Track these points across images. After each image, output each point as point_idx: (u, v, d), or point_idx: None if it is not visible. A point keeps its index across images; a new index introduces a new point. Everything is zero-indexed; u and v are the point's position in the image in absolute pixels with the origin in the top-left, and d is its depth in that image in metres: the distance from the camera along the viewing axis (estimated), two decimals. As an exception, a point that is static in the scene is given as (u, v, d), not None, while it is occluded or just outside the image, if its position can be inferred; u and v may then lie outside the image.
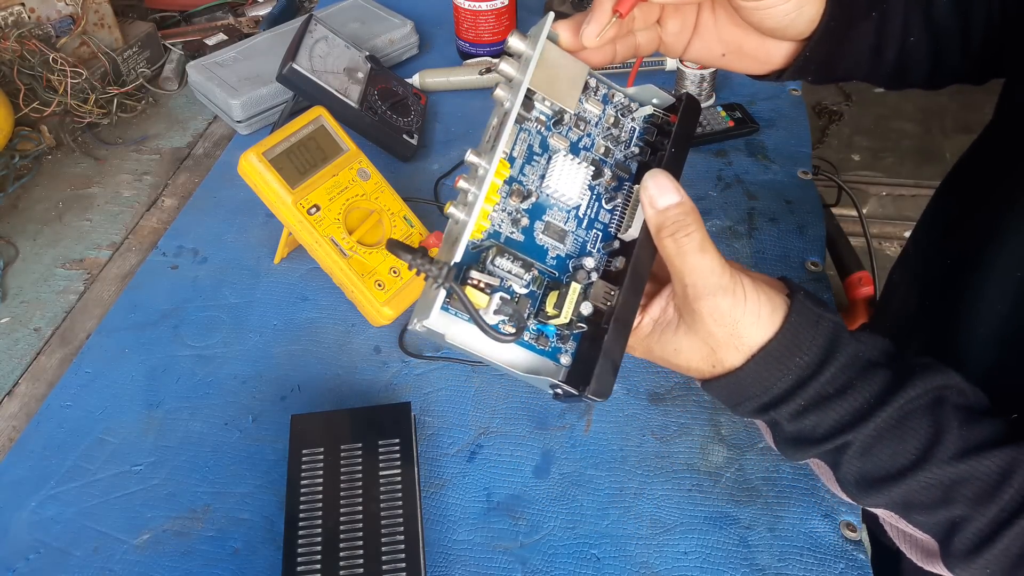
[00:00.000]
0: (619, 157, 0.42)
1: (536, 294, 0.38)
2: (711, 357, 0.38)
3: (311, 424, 0.57)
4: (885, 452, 0.37)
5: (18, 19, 0.89)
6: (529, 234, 0.39)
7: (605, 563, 0.52)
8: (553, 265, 0.39)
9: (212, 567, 0.54)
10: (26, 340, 0.70)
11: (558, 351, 0.39)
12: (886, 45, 0.49)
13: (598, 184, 0.41)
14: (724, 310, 0.37)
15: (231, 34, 1.04)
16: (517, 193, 0.39)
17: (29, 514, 0.57)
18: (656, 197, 0.37)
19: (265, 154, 0.64)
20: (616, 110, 0.42)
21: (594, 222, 0.41)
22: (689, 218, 0.37)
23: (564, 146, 0.41)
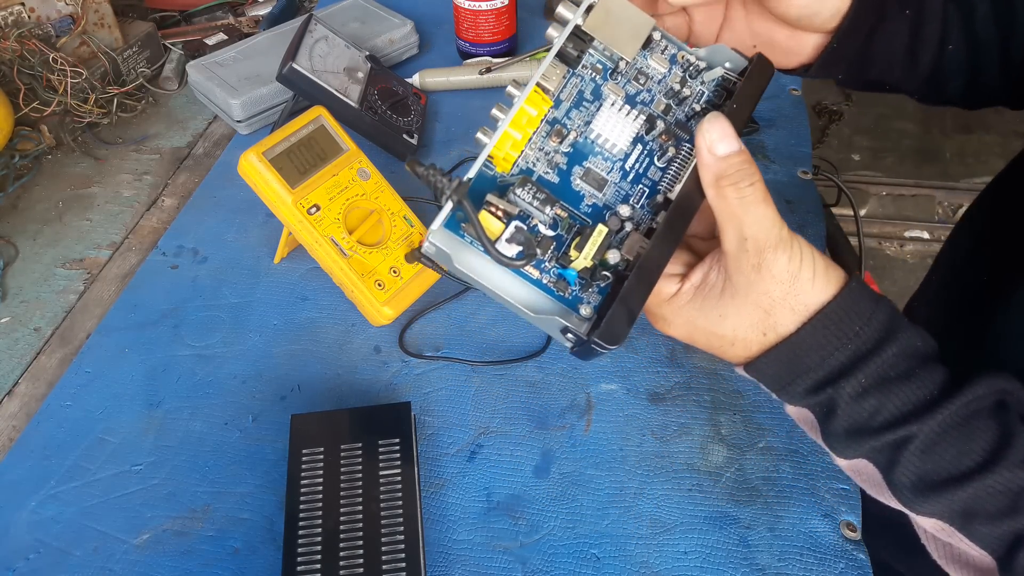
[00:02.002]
0: (680, 116, 0.39)
1: (564, 239, 0.36)
2: (763, 322, 0.35)
3: (311, 424, 0.57)
4: (950, 451, 0.34)
5: (18, 19, 0.89)
6: (565, 177, 0.37)
7: (605, 563, 0.52)
8: (587, 212, 0.37)
9: (212, 567, 0.54)
10: (26, 340, 0.70)
11: (579, 300, 0.35)
12: (922, 49, 0.46)
13: (651, 139, 0.38)
14: (782, 264, 0.34)
15: (231, 34, 1.04)
16: (557, 133, 0.37)
17: (29, 514, 0.57)
18: (716, 143, 0.34)
19: (265, 154, 0.64)
20: (684, 70, 0.40)
21: (642, 177, 0.38)
22: (752, 167, 0.34)
23: (619, 96, 0.38)
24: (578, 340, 0.34)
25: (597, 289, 0.35)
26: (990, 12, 0.47)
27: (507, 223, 0.34)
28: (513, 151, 0.36)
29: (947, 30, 0.46)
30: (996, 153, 2.08)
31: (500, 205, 0.35)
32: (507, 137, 0.36)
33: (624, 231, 0.36)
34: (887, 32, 0.45)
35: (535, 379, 0.63)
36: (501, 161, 0.36)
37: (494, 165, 0.36)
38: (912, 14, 0.45)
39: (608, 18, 0.38)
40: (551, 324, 0.35)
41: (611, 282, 0.35)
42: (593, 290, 0.35)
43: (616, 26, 0.38)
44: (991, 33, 0.47)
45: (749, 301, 0.35)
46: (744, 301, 0.35)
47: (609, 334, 0.33)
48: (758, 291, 0.35)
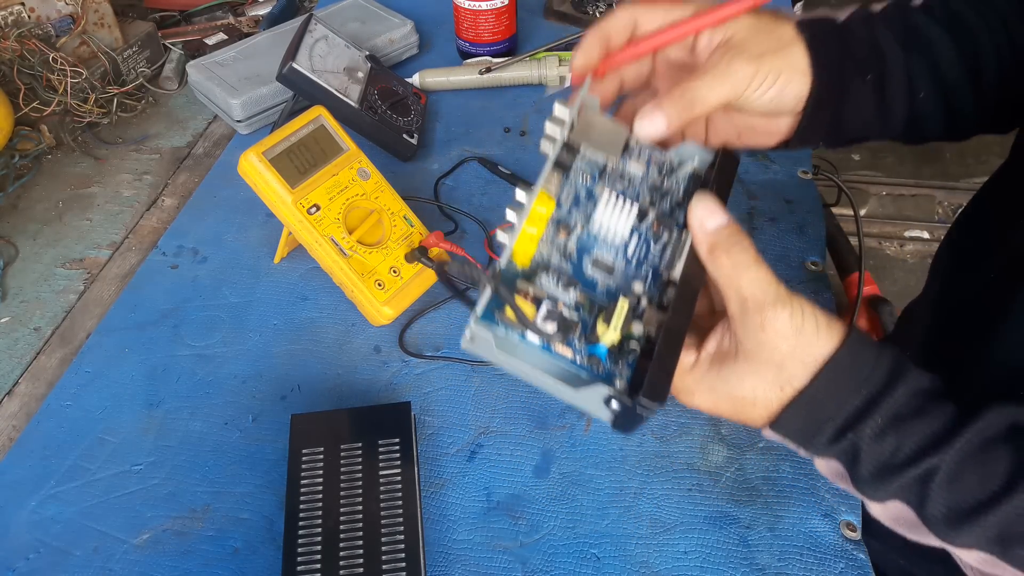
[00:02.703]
0: (665, 208, 0.43)
1: (587, 320, 0.39)
2: (778, 377, 0.37)
3: (311, 424, 0.57)
4: (974, 477, 0.35)
5: (18, 19, 0.89)
6: (578, 266, 0.41)
7: (605, 562, 0.52)
8: (603, 295, 0.40)
9: (212, 567, 0.54)
10: (26, 340, 0.70)
11: (612, 375, 0.37)
12: (893, 104, 0.48)
13: (645, 228, 0.42)
14: (785, 320, 0.36)
15: (231, 34, 1.04)
16: (564, 229, 0.41)
17: (29, 514, 0.57)
18: (705, 219, 0.38)
19: (265, 154, 0.64)
20: (660, 170, 0.44)
21: (643, 262, 0.41)
22: (740, 235, 0.37)
23: (610, 194, 0.43)
24: (622, 407, 0.36)
25: (626, 363, 0.38)
26: (954, 54, 0.48)
27: (538, 306, 0.38)
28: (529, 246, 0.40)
29: (914, 80, 0.48)
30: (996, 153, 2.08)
31: (530, 290, 0.39)
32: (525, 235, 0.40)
33: (641, 307, 0.39)
34: (853, 100, 0.47)
35: (535, 379, 0.63)
36: (520, 256, 0.40)
37: (514, 261, 0.40)
38: (874, 77, 0.47)
39: (589, 132, 0.43)
40: (593, 397, 0.37)
41: (638, 355, 0.38)
42: (622, 365, 0.37)
43: (598, 137, 0.43)
44: (959, 74, 0.48)
45: (762, 359, 0.37)
46: (757, 360, 0.37)
47: (653, 391, 0.35)
48: (768, 348, 0.36)
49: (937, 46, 0.48)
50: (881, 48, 0.47)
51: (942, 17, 0.49)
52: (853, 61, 0.46)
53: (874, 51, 0.47)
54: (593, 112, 0.44)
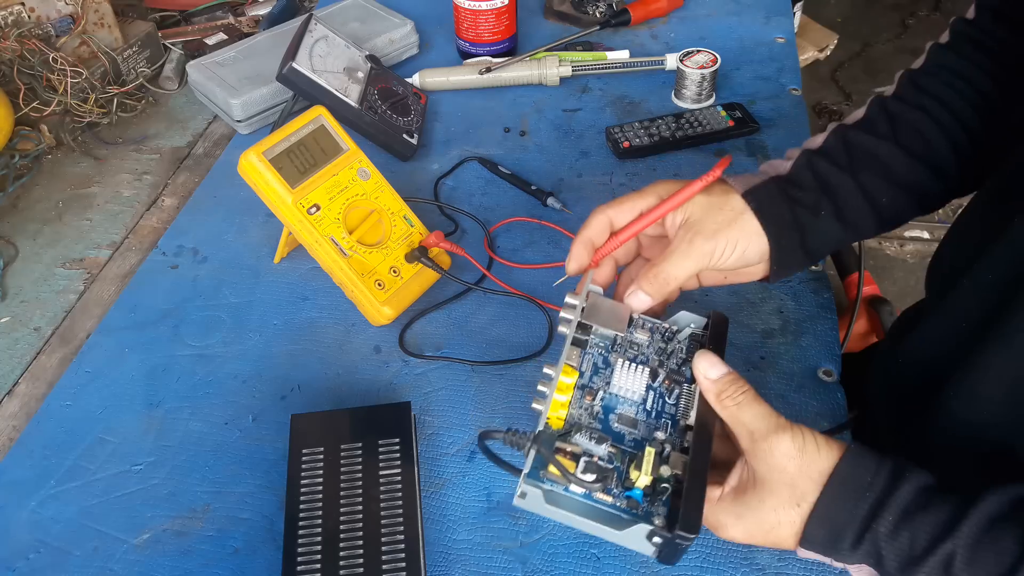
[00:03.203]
0: (672, 366, 0.49)
1: (620, 469, 0.44)
2: (793, 494, 0.41)
3: (311, 424, 0.57)
4: (990, 555, 0.38)
5: (18, 19, 0.89)
6: (606, 423, 0.46)
7: (605, 562, 0.52)
8: (631, 445, 0.45)
9: (212, 567, 0.54)
10: (26, 340, 0.70)
11: (651, 514, 0.42)
12: (858, 220, 0.53)
13: (658, 385, 0.48)
14: (787, 443, 0.41)
15: (231, 34, 1.04)
16: (589, 393, 0.47)
17: (29, 514, 0.57)
18: (707, 370, 0.44)
19: (265, 154, 0.64)
20: (662, 336, 0.50)
21: (661, 413, 0.47)
22: (739, 382, 0.44)
23: (623, 360, 0.49)
24: (664, 540, 0.41)
25: (661, 502, 0.42)
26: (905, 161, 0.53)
27: (577, 461, 0.43)
28: (561, 411, 0.46)
29: (872, 196, 0.53)
30: (996, 153, 2.07)
31: (567, 448, 0.44)
32: (557, 404, 0.46)
33: (666, 451, 0.44)
34: (817, 233, 0.52)
35: (535, 379, 0.63)
36: (554, 420, 0.45)
37: (550, 425, 0.45)
38: (830, 211, 0.52)
39: (597, 312, 0.50)
40: (637, 536, 0.42)
41: (670, 493, 0.42)
42: (658, 504, 0.42)
43: (605, 316, 0.50)
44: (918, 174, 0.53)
45: (775, 481, 0.42)
46: (773, 483, 0.42)
47: (687, 524, 0.40)
48: (778, 470, 0.41)
49: (885, 158, 0.53)
50: (830, 183, 0.52)
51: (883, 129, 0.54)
52: (805, 207, 0.52)
53: (824, 189, 0.52)
54: (598, 297, 0.51)
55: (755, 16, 1.03)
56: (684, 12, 1.04)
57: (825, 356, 0.63)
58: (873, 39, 2.62)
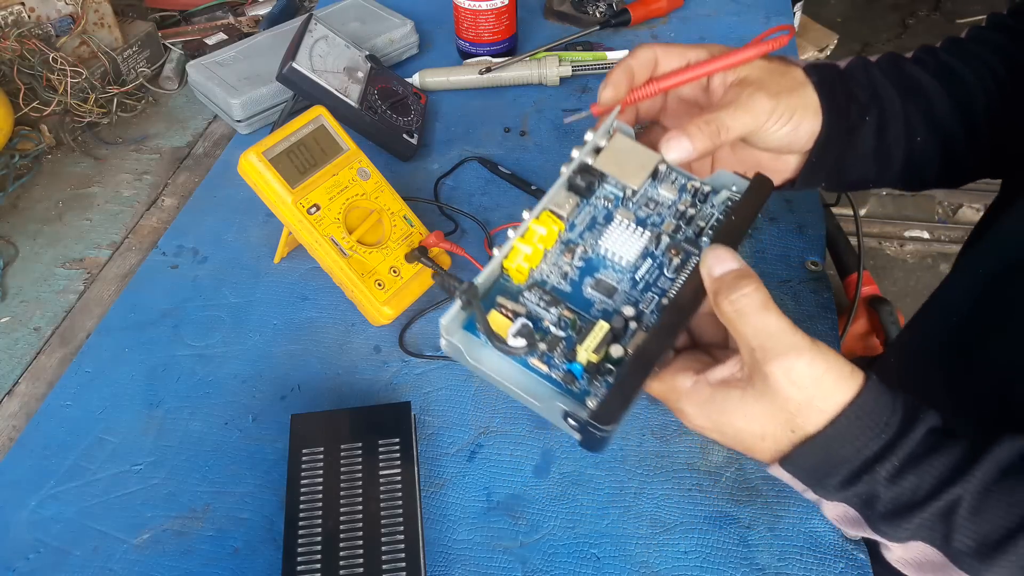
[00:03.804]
0: (690, 234, 0.42)
1: (574, 339, 0.39)
2: (791, 421, 0.37)
3: (311, 424, 0.57)
4: (1000, 506, 0.34)
5: (18, 18, 0.89)
6: (577, 287, 0.41)
7: (605, 562, 0.52)
8: (597, 316, 0.40)
9: (212, 567, 0.54)
10: (26, 340, 0.70)
11: (586, 393, 0.38)
12: (892, 147, 0.50)
13: (660, 253, 0.42)
14: (802, 370, 0.35)
15: (231, 33, 1.04)
16: (570, 251, 0.42)
17: (29, 514, 0.57)
18: (713, 266, 0.37)
19: (265, 153, 0.64)
20: (692, 196, 0.44)
21: (652, 286, 0.41)
22: (745, 280, 0.36)
23: (630, 219, 0.43)
24: (579, 424, 0.36)
25: (604, 384, 0.38)
26: (948, 103, 0.51)
27: (515, 320, 0.38)
28: (526, 264, 0.40)
29: (911, 126, 0.50)
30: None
31: (508, 305, 0.39)
32: (517, 251, 0.40)
33: (630, 330, 0.39)
34: (855, 140, 0.49)
35: (535, 379, 0.63)
36: (515, 273, 0.41)
37: (511, 277, 0.41)
38: (873, 119, 0.49)
39: (617, 156, 0.44)
40: (554, 411, 0.37)
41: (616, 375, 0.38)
42: (600, 384, 0.37)
43: (624, 162, 0.44)
44: (953, 121, 0.51)
45: (775, 405, 0.36)
46: (768, 403, 0.36)
47: (601, 415, 0.35)
48: (781, 397, 0.36)
49: (931, 94, 0.50)
50: (879, 94, 0.50)
51: (934, 68, 0.52)
52: (856, 104, 0.48)
53: (874, 96, 0.49)
54: (625, 139, 0.45)
55: (755, 16, 1.03)
56: (684, 12, 1.04)
57: (825, 356, 0.63)
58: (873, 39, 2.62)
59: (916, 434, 0.36)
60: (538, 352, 0.38)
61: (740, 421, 0.37)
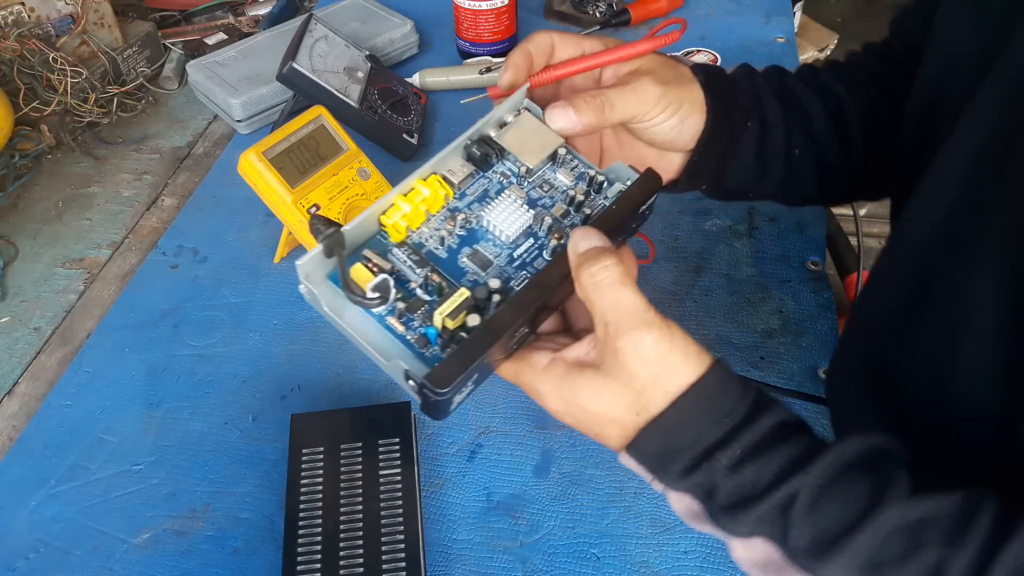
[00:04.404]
0: (576, 221, 0.42)
1: (436, 303, 0.39)
2: (636, 402, 0.36)
3: (311, 423, 0.57)
4: (836, 503, 0.33)
5: (18, 18, 0.89)
6: (454, 255, 0.41)
7: (605, 562, 0.52)
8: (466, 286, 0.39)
9: (212, 566, 0.54)
10: (26, 339, 0.70)
11: (437, 359, 0.37)
12: (771, 158, 0.51)
13: (543, 234, 0.42)
14: (649, 346, 0.35)
15: (231, 33, 1.04)
16: (454, 218, 0.42)
17: (29, 513, 0.57)
18: (579, 242, 0.37)
19: (265, 153, 0.64)
20: (588, 185, 0.44)
21: (528, 265, 0.41)
22: (606, 255, 0.36)
23: (520, 197, 0.43)
24: (417, 385, 0.36)
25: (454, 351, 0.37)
26: (824, 117, 0.52)
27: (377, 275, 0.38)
28: (403, 223, 0.40)
29: (790, 138, 0.51)
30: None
31: (375, 260, 0.39)
32: (397, 208, 0.40)
33: (493, 303, 0.38)
34: (736, 146, 0.50)
35: (535, 379, 0.63)
36: (394, 231, 0.40)
37: (388, 235, 0.40)
38: (755, 126, 0.50)
39: (520, 134, 0.44)
40: (398, 370, 0.36)
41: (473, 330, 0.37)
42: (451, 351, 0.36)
43: (526, 141, 0.44)
44: (830, 140, 0.52)
45: (621, 382, 0.36)
46: (616, 382, 0.36)
47: (436, 377, 0.35)
48: (627, 373, 0.35)
49: (810, 109, 0.52)
50: (762, 102, 0.51)
51: (814, 85, 0.53)
52: (740, 108, 0.49)
53: (756, 103, 0.50)
54: (531, 118, 0.45)
55: (755, 16, 1.03)
56: (684, 12, 1.04)
57: (825, 356, 0.63)
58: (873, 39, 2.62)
59: (762, 424, 0.35)
60: (396, 310, 0.38)
61: (590, 402, 0.37)
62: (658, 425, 0.35)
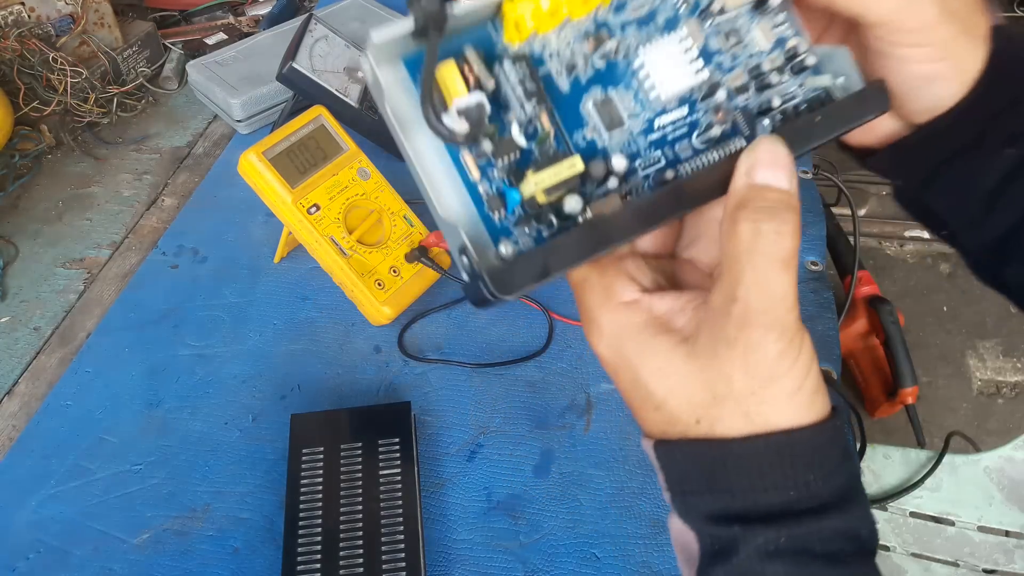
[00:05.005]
0: (751, 105, 0.31)
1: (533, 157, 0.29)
2: (704, 409, 0.27)
3: (311, 423, 0.57)
4: None
5: (18, 18, 0.89)
6: (577, 93, 0.29)
7: (605, 562, 0.52)
8: (578, 145, 0.29)
9: (212, 566, 0.54)
10: (26, 339, 0.70)
11: (506, 233, 0.28)
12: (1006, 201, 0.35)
13: (704, 108, 0.31)
14: (768, 355, 0.26)
15: (231, 33, 1.04)
16: (598, 40, 0.29)
17: (29, 513, 0.57)
18: (760, 167, 0.27)
19: (265, 153, 0.64)
20: (787, 59, 0.32)
21: (665, 144, 0.30)
22: (786, 212, 0.26)
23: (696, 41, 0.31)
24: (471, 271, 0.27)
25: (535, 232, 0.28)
26: None
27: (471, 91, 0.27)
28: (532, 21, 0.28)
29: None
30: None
31: (475, 67, 0.28)
32: None
33: (606, 187, 0.29)
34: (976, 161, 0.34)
35: (535, 379, 0.63)
36: (512, 27, 0.28)
37: (503, 28, 0.28)
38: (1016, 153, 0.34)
39: None
40: (454, 236, 0.28)
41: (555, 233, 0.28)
42: (530, 231, 0.28)
43: None
44: None
45: (703, 376, 0.27)
46: (698, 372, 0.27)
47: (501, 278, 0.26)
48: (719, 371, 0.26)
49: None
50: None
51: None
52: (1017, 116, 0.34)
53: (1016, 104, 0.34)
54: None
55: (755, 16, 1.02)
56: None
57: (825, 356, 0.63)
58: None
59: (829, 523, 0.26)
60: (478, 149, 0.28)
61: (652, 375, 0.28)
62: (713, 448, 0.27)
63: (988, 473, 0.92)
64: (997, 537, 0.89)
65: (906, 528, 0.90)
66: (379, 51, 0.28)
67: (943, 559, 0.87)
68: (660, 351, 0.28)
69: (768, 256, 0.26)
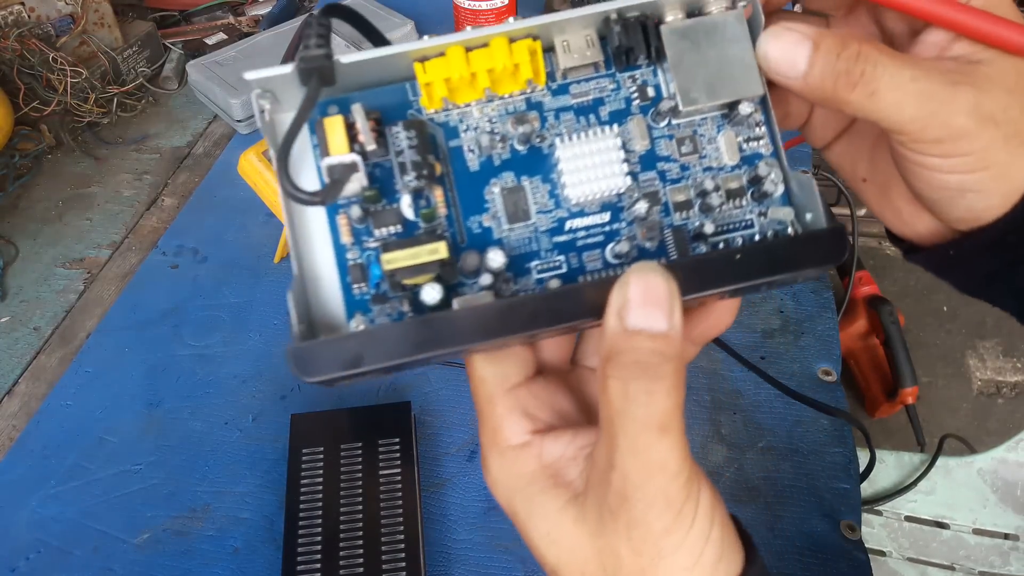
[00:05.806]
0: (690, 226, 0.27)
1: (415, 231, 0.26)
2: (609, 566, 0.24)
3: (311, 423, 0.57)
4: None
5: (18, 18, 0.89)
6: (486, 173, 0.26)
7: (605, 563, 0.52)
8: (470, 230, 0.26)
9: (212, 566, 0.54)
10: (26, 339, 0.70)
11: (361, 307, 0.25)
12: None
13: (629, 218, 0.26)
14: (653, 531, 0.23)
15: (231, 33, 1.04)
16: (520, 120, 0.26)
17: (29, 513, 0.57)
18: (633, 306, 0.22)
19: (265, 153, 0.64)
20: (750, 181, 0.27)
21: (572, 248, 0.26)
22: (664, 366, 0.22)
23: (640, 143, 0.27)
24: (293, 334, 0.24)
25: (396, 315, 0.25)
26: None
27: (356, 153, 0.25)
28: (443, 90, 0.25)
29: None
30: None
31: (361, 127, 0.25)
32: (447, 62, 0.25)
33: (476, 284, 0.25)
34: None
35: (535, 379, 0.63)
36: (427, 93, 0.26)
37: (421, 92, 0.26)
38: None
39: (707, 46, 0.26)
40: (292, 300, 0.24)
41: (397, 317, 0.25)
42: (388, 311, 0.25)
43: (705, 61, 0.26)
44: None
45: (594, 546, 0.24)
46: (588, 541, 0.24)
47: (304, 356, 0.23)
48: (607, 543, 0.24)
49: None
50: None
51: None
52: None
53: None
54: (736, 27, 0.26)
55: (755, 16, 1.02)
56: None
57: (825, 356, 0.63)
58: (873, 39, 2.62)
59: None
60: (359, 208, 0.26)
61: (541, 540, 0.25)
62: None
63: (982, 475, 0.92)
64: (992, 540, 0.89)
65: (902, 532, 0.90)
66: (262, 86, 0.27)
67: (939, 563, 0.87)
68: (549, 512, 0.25)
69: (639, 421, 0.22)
